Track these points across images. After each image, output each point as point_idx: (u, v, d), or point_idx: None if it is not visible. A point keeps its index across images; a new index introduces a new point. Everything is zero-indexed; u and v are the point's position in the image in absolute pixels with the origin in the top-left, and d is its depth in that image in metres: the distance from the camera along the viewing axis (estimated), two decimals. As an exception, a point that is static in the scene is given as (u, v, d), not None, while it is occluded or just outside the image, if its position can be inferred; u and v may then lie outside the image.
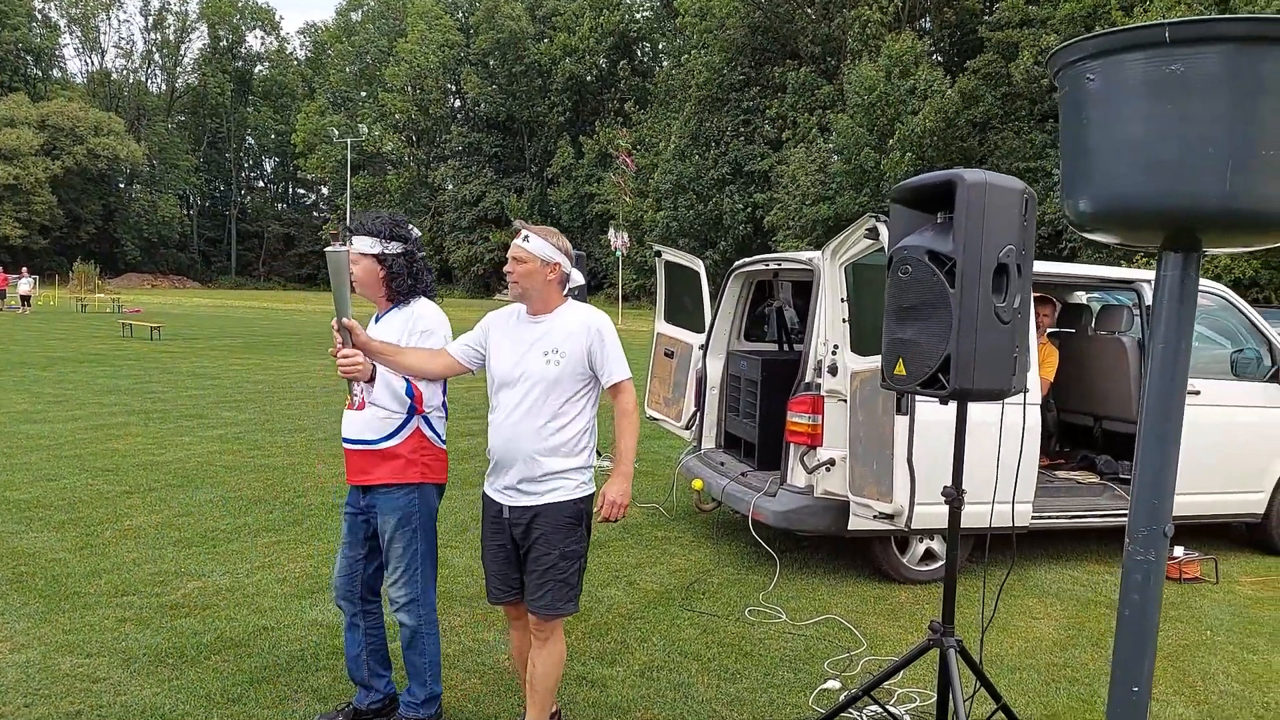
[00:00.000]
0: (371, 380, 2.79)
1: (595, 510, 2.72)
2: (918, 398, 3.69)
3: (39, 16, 67.60)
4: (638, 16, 54.09)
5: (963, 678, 2.73)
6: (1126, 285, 5.38)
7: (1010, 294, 2.57)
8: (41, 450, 7.37)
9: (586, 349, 2.69)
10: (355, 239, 2.87)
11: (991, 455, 3.88)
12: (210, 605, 4.05)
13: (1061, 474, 5.57)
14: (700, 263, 5.90)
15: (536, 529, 2.70)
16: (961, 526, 4.41)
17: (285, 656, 3.55)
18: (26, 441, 7.72)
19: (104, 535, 5.08)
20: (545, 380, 2.66)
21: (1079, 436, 6.00)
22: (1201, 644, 4.06)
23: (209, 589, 4.27)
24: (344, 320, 2.64)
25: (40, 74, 66.96)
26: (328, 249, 2.58)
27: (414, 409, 2.88)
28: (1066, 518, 4.99)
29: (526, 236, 2.71)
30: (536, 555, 2.70)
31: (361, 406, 2.85)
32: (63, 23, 70.42)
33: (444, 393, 3.01)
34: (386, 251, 2.89)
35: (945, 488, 2.80)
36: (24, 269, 33.77)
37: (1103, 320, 5.68)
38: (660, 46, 53.76)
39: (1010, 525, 4.16)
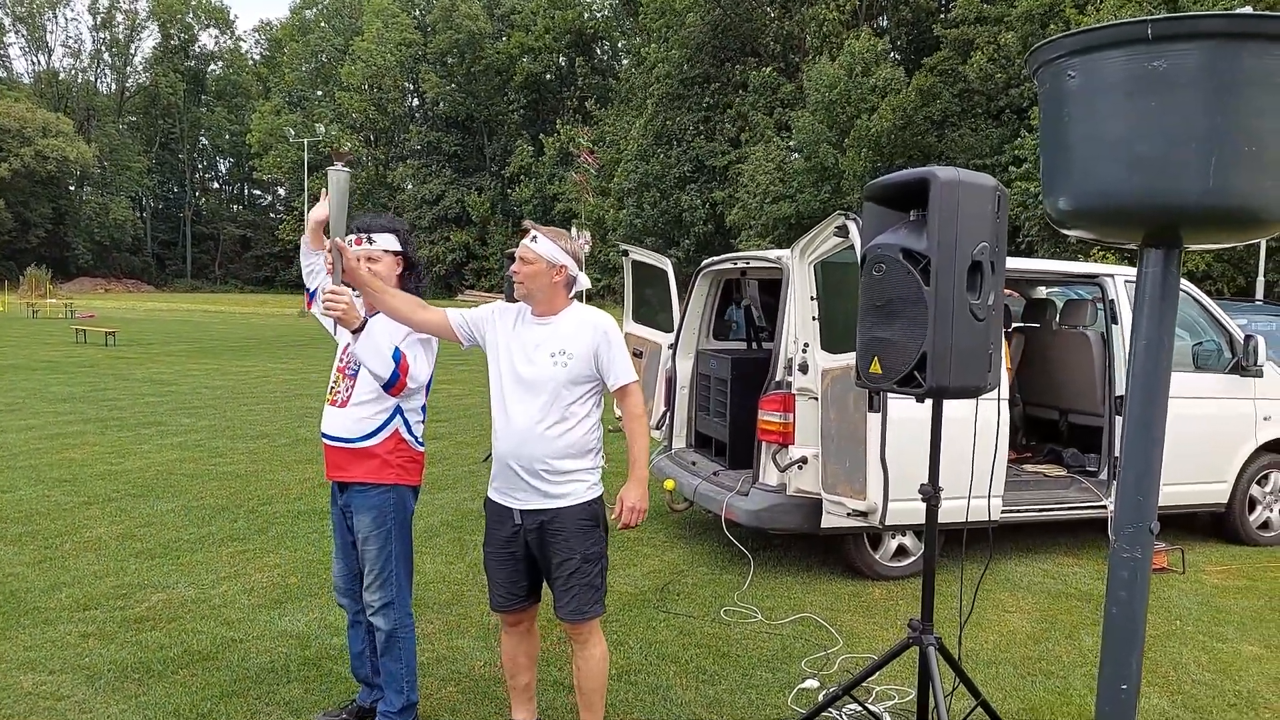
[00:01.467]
0: (358, 333, 2.67)
1: (613, 517, 2.68)
2: (889, 395, 3.72)
3: (-18, 14, 65.61)
4: (596, 15, 54.00)
5: (941, 674, 2.74)
6: (1090, 280, 5.47)
7: (985, 291, 2.59)
8: (-8, 462, 7.13)
9: (594, 350, 2.65)
10: (382, 236, 2.90)
11: (964, 450, 3.91)
12: (176, 618, 3.94)
13: (1029, 468, 5.65)
14: (668, 261, 5.88)
15: (552, 534, 2.66)
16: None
17: (255, 669, 3.46)
18: (-24, 453, 7.45)
19: (63, 548, 4.92)
20: (554, 382, 2.63)
21: (1045, 430, 6.09)
22: (1171, 634, 4.14)
23: (174, 601, 4.15)
24: (338, 240, 2.57)
25: (-17, 73, 64.97)
26: (331, 168, 2.58)
27: (398, 376, 2.74)
28: (1035, 511, 5.06)
29: (535, 237, 2.67)
30: (558, 561, 2.67)
31: (345, 404, 2.83)
32: (7, 21, 68.24)
33: (427, 391, 2.97)
34: (405, 251, 2.95)
35: (922, 485, 2.81)
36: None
37: (1067, 314, 5.78)
38: (620, 45, 53.75)
39: (986, 519, 4.20)
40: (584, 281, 2.76)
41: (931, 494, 2.81)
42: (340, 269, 2.60)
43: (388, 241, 2.92)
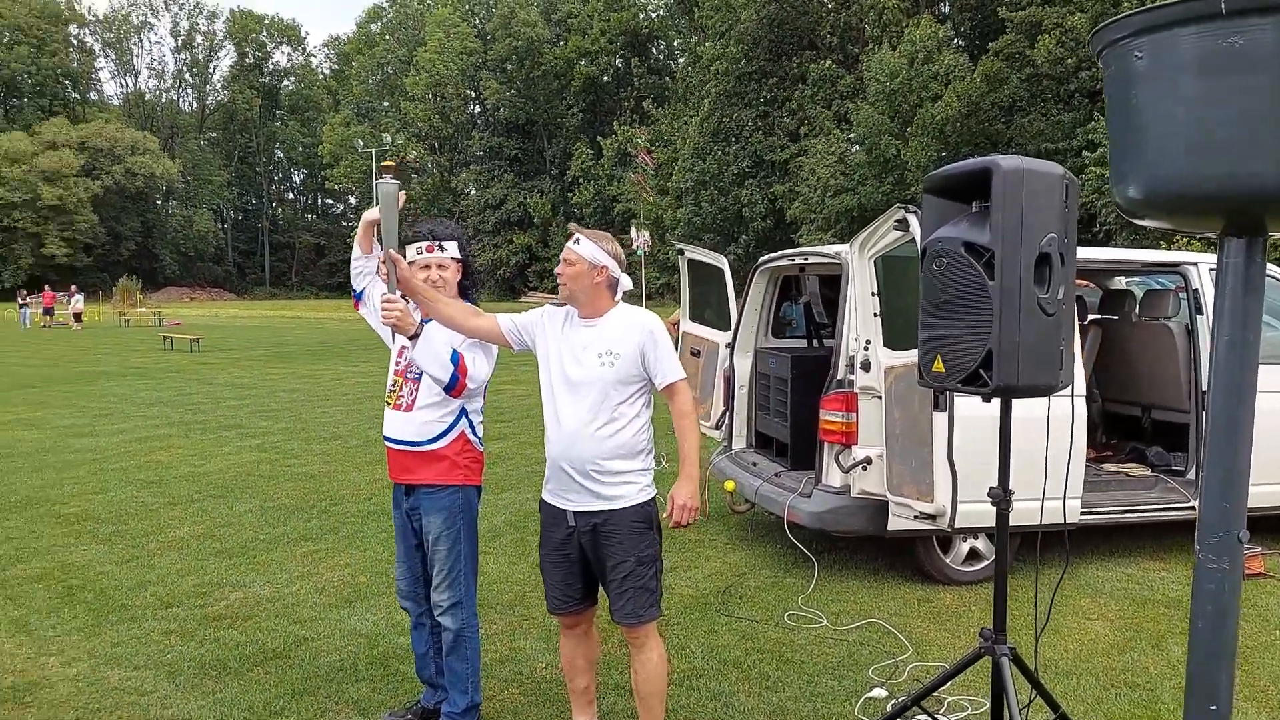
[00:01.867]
0: (415, 339, 2.74)
1: (664, 516, 2.66)
2: (956, 393, 3.60)
3: (75, 42, 69.25)
4: (651, 15, 54.03)
5: (1017, 685, 2.64)
6: (1172, 269, 5.21)
7: (1054, 284, 2.48)
8: (88, 464, 7.51)
9: (640, 349, 2.65)
10: (449, 244, 2.96)
11: (1037, 450, 3.76)
12: (251, 616, 4.08)
13: (1110, 467, 5.41)
14: (724, 259, 5.83)
15: (605, 536, 2.66)
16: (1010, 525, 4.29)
17: (325, 667, 3.55)
18: (74, 456, 7.87)
19: (149, 547, 5.15)
20: (601, 382, 2.63)
21: (1127, 427, 5.83)
22: (1270, 644, 3.90)
23: (250, 600, 4.29)
24: (391, 252, 2.63)
25: (78, 97, 68.66)
26: (379, 181, 2.63)
27: (457, 379, 2.78)
28: (1117, 513, 4.84)
29: (577, 239, 2.70)
30: (613, 564, 2.67)
31: (410, 408, 2.88)
32: (98, 47, 72.16)
33: (484, 394, 3.01)
34: (464, 257, 3.02)
35: (991, 488, 2.71)
36: (72, 287, 34.62)
37: (1148, 306, 5.52)
38: (676, 44, 53.65)
39: (1062, 522, 4.03)
40: (626, 283, 2.76)
41: (1001, 497, 2.71)
42: (395, 279, 2.66)
43: (455, 250, 2.98)
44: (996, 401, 2.67)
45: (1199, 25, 1.40)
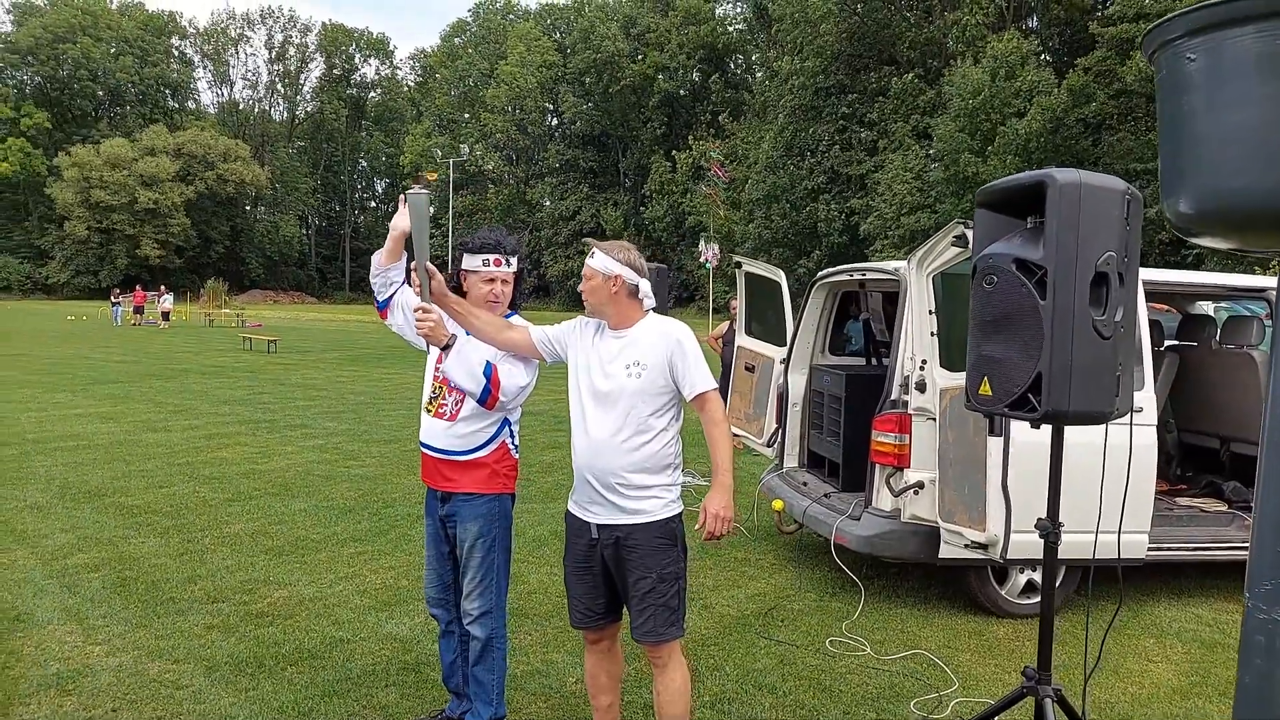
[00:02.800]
0: (448, 349, 2.73)
1: (697, 527, 2.57)
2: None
3: (176, 53, 73.08)
4: (730, 29, 53.99)
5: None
6: (1258, 294, 4.89)
7: (1111, 305, 2.32)
8: (158, 458, 7.80)
9: (668, 359, 2.59)
10: (513, 259, 2.93)
11: (1095, 479, 3.54)
12: (293, 615, 4.14)
13: (1183, 501, 5.10)
14: (781, 273, 5.71)
15: (628, 550, 2.61)
16: (1064, 558, 4.07)
17: (357, 670, 3.57)
18: (145, 450, 8.19)
19: (203, 541, 5.29)
20: (628, 393, 2.59)
21: (1203, 460, 5.49)
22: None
23: (293, 598, 4.36)
24: (426, 263, 2.64)
25: (176, 106, 72.39)
26: (409, 191, 2.63)
27: (489, 392, 2.75)
28: (1189, 550, 4.55)
29: (593, 253, 2.68)
30: (634, 580, 2.61)
31: (454, 417, 2.86)
32: (197, 59, 75.98)
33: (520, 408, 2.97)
34: (523, 270, 3.02)
35: (1040, 520, 2.55)
36: (161, 287, 36.38)
37: (1229, 332, 5.19)
38: (754, 58, 53.46)
39: (1119, 558, 3.79)
40: (645, 288, 2.67)
41: (1050, 530, 2.55)
42: (429, 290, 2.66)
43: (515, 262, 2.96)
44: (1048, 427, 2.52)
45: (1260, 24, 1.28)
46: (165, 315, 32.28)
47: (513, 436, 2.98)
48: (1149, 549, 4.30)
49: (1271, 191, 1.31)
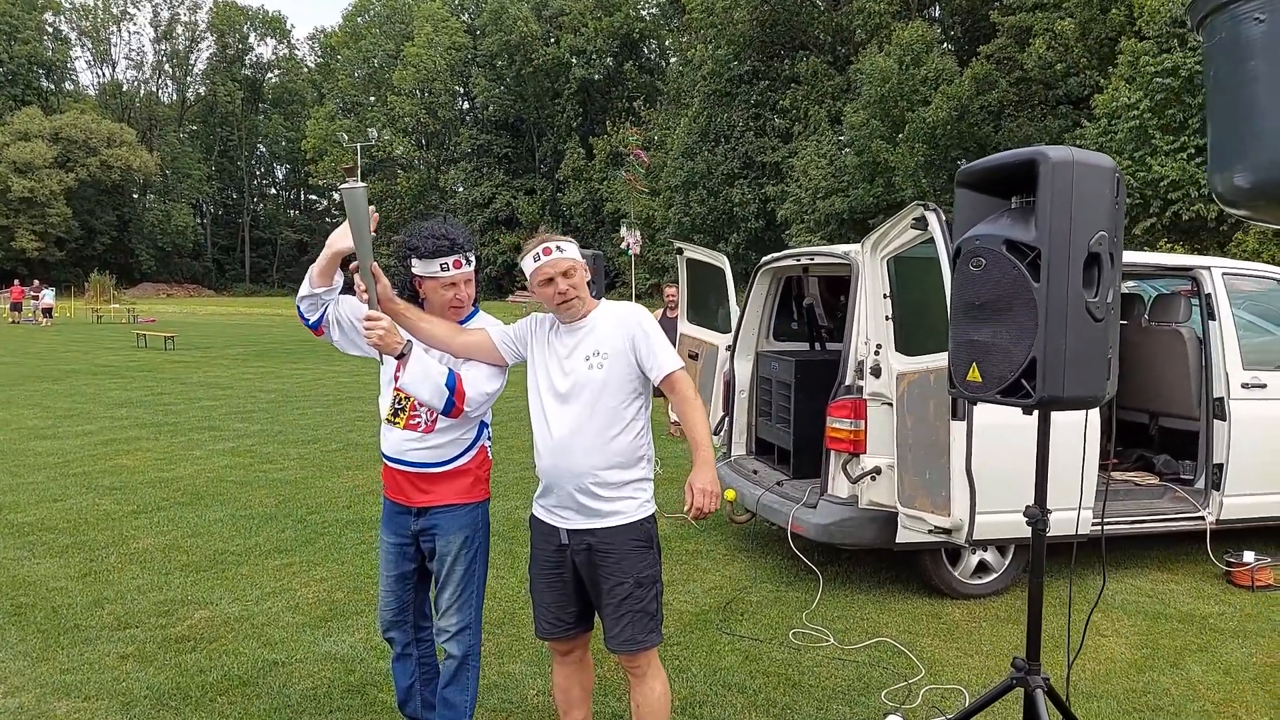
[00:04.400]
0: (403, 358, 2.47)
1: (685, 508, 2.37)
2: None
3: (50, 30, 67.99)
4: (643, 14, 53.76)
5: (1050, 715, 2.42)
6: (1184, 272, 5.03)
7: (1103, 287, 2.26)
8: (49, 468, 7.16)
9: (630, 343, 2.44)
10: (470, 255, 2.62)
11: (1058, 460, 3.54)
12: (217, 637, 3.79)
13: (1118, 475, 5.23)
14: (725, 259, 5.59)
15: (601, 556, 2.44)
16: (1018, 538, 4.08)
17: (297, 696, 3.28)
18: (34, 459, 7.51)
19: (108, 560, 4.84)
20: (591, 386, 2.42)
21: (1134, 435, 5.65)
22: (1294, 664, 3.72)
23: (216, 619, 4.00)
24: (373, 265, 2.41)
25: (53, 87, 67.34)
26: (344, 186, 2.33)
27: (453, 404, 2.51)
28: (1127, 523, 4.66)
29: (559, 247, 2.47)
30: (609, 586, 2.44)
31: (430, 429, 2.59)
32: (73, 36, 70.81)
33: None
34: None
35: (1028, 507, 2.49)
36: (35, 281, 33.89)
37: (1158, 310, 5.34)
38: (667, 44, 53.45)
39: (1076, 534, 3.82)
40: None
41: (1039, 516, 2.49)
42: (375, 295, 2.42)
43: (472, 258, 2.66)
44: (1014, 410, 2.45)
45: (1342, -22, 1.17)
46: (47, 312, 30.10)
47: (490, 439, 2.77)
48: (1092, 524, 4.38)
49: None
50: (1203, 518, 4.80)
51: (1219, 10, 1.35)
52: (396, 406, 2.67)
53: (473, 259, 2.64)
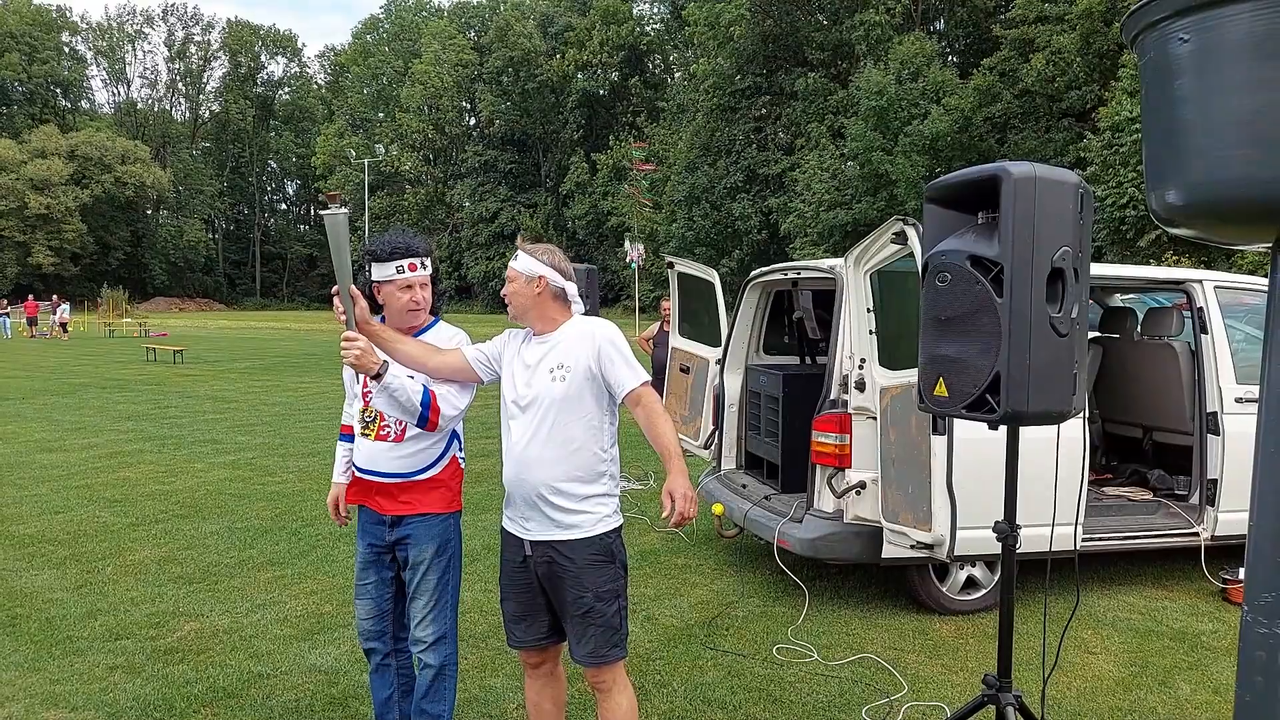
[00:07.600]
0: (379, 378, 2.52)
1: (664, 515, 2.33)
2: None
3: (67, 50, 68.99)
4: (648, 29, 54.14)
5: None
6: (1175, 286, 5.03)
7: (1067, 302, 2.28)
8: (52, 480, 7.23)
9: (595, 357, 2.45)
10: (426, 260, 2.69)
11: (1039, 474, 3.55)
12: (205, 649, 3.82)
13: (1110, 490, 5.21)
14: (714, 273, 5.62)
15: (562, 568, 2.45)
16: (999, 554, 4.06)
17: (280, 708, 3.30)
18: (39, 472, 7.58)
19: (104, 572, 4.88)
20: (553, 399, 2.43)
21: (1127, 449, 5.63)
22: None
23: (205, 631, 4.03)
24: (351, 288, 2.46)
25: (69, 105, 68.36)
26: (325, 212, 2.40)
27: (427, 418, 2.58)
28: (1119, 539, 4.64)
29: (516, 255, 2.55)
30: (570, 599, 2.45)
31: (400, 439, 2.65)
32: (90, 55, 71.91)
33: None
34: (436, 272, 2.79)
35: (997, 523, 2.50)
36: (54, 297, 34.24)
37: (1150, 324, 5.33)
38: (671, 59, 53.77)
39: (1066, 550, 3.81)
40: (571, 291, 2.54)
41: (1008, 532, 2.50)
42: (354, 317, 2.47)
43: (429, 264, 2.73)
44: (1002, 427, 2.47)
45: (1257, 2, 1.20)
46: (64, 327, 30.41)
47: (461, 446, 2.81)
48: (1083, 540, 4.36)
49: (1268, 183, 1.24)
50: (1197, 533, 4.77)
51: (1149, 29, 1.38)
52: (367, 419, 2.72)
53: (429, 265, 2.70)
